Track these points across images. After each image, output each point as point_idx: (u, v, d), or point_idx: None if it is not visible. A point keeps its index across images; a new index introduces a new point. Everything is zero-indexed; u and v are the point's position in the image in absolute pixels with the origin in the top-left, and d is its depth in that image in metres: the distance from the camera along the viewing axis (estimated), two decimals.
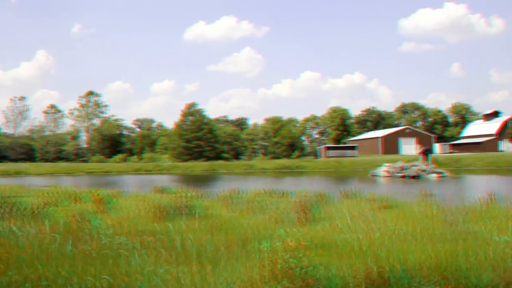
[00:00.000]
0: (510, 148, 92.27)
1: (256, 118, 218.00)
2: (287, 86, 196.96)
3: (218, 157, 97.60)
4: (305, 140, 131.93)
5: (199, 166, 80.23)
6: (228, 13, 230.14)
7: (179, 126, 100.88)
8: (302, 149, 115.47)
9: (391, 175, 49.01)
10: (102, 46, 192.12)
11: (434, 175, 46.75)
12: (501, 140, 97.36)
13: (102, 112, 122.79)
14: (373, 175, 52.00)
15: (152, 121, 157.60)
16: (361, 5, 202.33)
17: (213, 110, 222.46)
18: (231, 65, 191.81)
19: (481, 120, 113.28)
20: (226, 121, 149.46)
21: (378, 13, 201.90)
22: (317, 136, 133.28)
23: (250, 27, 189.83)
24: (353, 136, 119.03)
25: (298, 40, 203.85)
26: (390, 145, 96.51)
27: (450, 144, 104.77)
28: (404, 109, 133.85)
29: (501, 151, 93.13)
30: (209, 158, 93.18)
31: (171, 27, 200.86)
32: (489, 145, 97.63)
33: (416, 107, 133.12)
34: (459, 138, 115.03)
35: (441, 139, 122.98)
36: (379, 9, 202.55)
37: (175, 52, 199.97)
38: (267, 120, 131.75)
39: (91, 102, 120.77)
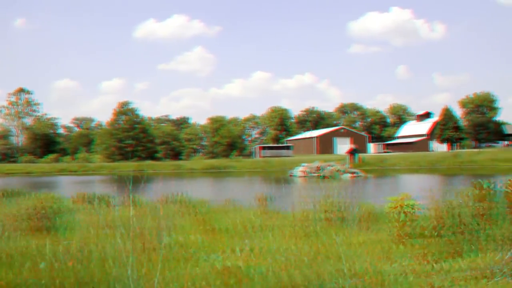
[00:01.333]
0: (439, 148, 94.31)
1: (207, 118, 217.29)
2: (239, 86, 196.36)
3: (151, 157, 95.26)
4: (246, 140, 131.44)
5: (126, 167, 77.63)
6: (179, 11, 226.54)
7: (111, 125, 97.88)
8: (242, 149, 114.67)
9: (307, 175, 48.53)
10: (47, 42, 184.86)
11: (349, 175, 46.51)
12: (431, 140, 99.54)
13: (34, 111, 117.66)
14: (291, 175, 51.40)
15: (91, 120, 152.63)
16: (312, 6, 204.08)
17: (164, 109, 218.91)
18: (182, 64, 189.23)
19: (415, 121, 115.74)
20: (168, 120, 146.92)
21: (328, 15, 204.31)
22: (257, 135, 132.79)
23: (201, 26, 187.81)
24: (292, 135, 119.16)
25: (249, 40, 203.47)
26: (325, 145, 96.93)
27: (384, 144, 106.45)
28: (344, 110, 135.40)
29: (432, 150, 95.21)
30: (142, 158, 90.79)
31: (120, 24, 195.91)
32: (421, 145, 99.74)
33: (355, 107, 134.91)
34: (394, 138, 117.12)
35: (379, 139, 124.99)
36: (329, 11, 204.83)
37: (125, 50, 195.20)
38: (209, 119, 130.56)
39: (22, 100, 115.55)
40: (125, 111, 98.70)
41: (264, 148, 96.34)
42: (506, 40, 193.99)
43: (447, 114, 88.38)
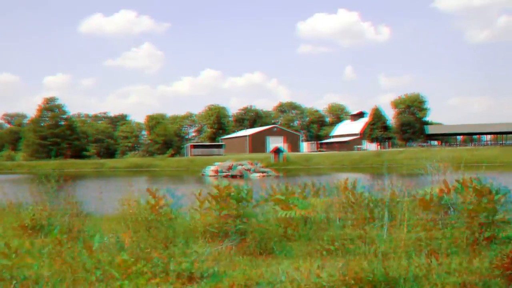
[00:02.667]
0: (370, 147, 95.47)
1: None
2: (187, 84, 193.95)
3: (79, 155, 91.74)
4: (185, 137, 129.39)
5: (46, 165, 74.17)
6: (127, 7, 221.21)
7: (35, 122, 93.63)
8: (179, 147, 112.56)
9: (217, 174, 47.48)
10: None
11: (257, 174, 45.76)
12: (364, 139, 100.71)
13: None
14: (203, 175, 50.25)
15: (24, 116, 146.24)
16: (262, 6, 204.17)
17: (111, 106, 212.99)
18: (130, 61, 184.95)
19: (349, 120, 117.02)
20: (106, 117, 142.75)
21: (278, 15, 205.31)
22: (194, 134, 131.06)
23: (150, 23, 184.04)
24: (229, 134, 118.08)
25: (199, 38, 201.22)
26: (258, 144, 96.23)
27: (318, 142, 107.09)
28: (282, 108, 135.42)
29: (364, 149, 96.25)
30: (68, 157, 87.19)
31: (65, 17, 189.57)
32: (354, 144, 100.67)
33: (293, 106, 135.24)
34: (329, 137, 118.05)
35: (317, 138, 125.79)
36: (278, 11, 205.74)
37: (70, 44, 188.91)
38: (147, 117, 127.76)
39: None
40: (50, 107, 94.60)
41: (195, 146, 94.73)
42: (443, 44, 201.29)
43: (376, 114, 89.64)
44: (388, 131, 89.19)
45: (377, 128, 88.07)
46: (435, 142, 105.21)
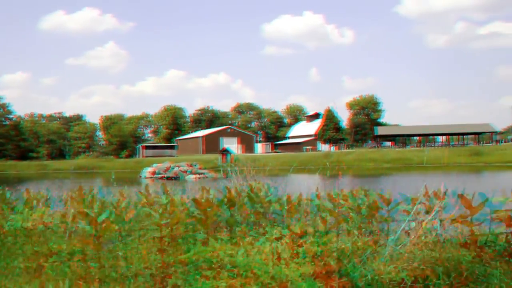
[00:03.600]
0: (325, 148, 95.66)
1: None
2: (152, 84, 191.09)
3: (26, 156, 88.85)
4: (142, 138, 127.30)
5: None
6: (90, 4, 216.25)
7: None
8: (134, 148, 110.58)
9: (154, 176, 46.34)
10: None
11: (193, 176, 44.81)
12: (319, 140, 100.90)
13: None
14: (140, 176, 48.99)
15: None
16: (227, 6, 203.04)
17: (73, 106, 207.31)
18: (93, 60, 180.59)
19: (305, 121, 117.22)
20: (61, 117, 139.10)
21: (243, 16, 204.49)
22: (150, 135, 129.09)
23: (114, 21, 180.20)
24: (185, 135, 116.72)
25: (164, 38, 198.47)
26: (212, 145, 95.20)
27: (273, 143, 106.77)
28: (240, 109, 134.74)
29: (319, 150, 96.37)
30: (13, 158, 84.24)
31: (24, 13, 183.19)
32: (309, 145, 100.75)
33: (251, 107, 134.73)
34: (285, 138, 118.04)
35: (275, 139, 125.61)
36: (244, 12, 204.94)
37: (30, 42, 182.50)
38: (102, 117, 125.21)
39: None
40: None
41: (147, 147, 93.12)
42: (405, 48, 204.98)
43: (329, 116, 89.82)
44: (340, 132, 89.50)
45: (329, 129, 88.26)
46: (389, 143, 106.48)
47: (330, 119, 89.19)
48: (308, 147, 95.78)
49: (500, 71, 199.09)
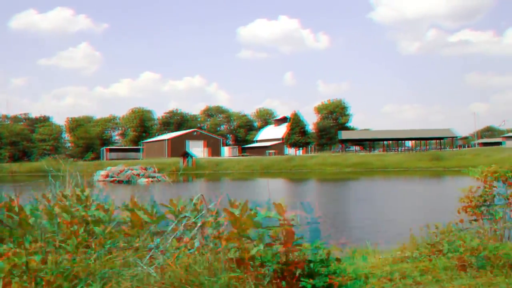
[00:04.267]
0: (292, 152, 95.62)
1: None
2: (126, 86, 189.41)
3: None
4: (110, 140, 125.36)
5: None
6: (63, 4, 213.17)
7: None
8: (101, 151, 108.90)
9: (106, 179, 45.42)
10: None
11: (145, 179, 44.06)
12: (286, 144, 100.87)
13: None
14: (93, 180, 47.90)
15: None
16: (203, 9, 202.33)
17: (44, 108, 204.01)
18: (66, 61, 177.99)
19: (273, 125, 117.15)
20: (27, 119, 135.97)
21: (219, 19, 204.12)
22: (118, 137, 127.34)
23: (88, 22, 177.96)
24: (153, 137, 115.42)
25: (138, 40, 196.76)
26: (178, 148, 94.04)
27: (240, 147, 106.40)
28: (209, 112, 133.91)
29: (287, 154, 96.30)
30: None
31: None
32: (276, 148, 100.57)
33: (220, 110, 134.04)
34: (253, 142, 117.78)
35: (244, 142, 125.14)
36: (220, 15, 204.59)
37: None
38: (68, 118, 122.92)
39: None
40: None
41: (111, 150, 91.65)
42: (379, 53, 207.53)
43: (295, 119, 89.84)
44: (306, 136, 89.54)
45: (295, 133, 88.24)
46: (358, 148, 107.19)
47: (296, 123, 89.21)
48: (271, 151, 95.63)
49: (470, 78, 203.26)
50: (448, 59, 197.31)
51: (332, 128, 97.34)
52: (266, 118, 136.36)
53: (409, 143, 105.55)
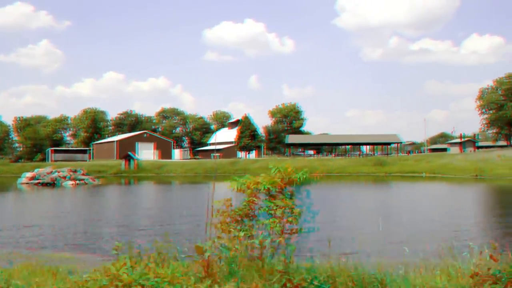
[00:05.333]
0: (245, 155, 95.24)
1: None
2: (89, 86, 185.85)
3: None
4: (63, 141, 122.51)
5: None
6: None
7: None
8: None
9: (31, 182, 44.01)
10: None
11: (71, 182, 42.86)
12: (236, 147, 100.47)
13: None
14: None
15: None
16: (168, 10, 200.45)
17: (1, 106, 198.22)
18: (25, 58, 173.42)
19: (227, 128, 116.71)
20: None
21: (185, 20, 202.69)
22: (69, 138, 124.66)
23: (49, 19, 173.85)
24: (105, 138, 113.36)
25: (101, 39, 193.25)
26: (127, 150, 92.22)
27: (192, 150, 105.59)
28: (164, 114, 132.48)
29: (239, 157, 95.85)
30: None
31: None
32: (228, 151, 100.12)
33: (175, 112, 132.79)
34: (207, 145, 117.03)
35: (199, 145, 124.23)
36: (185, 17, 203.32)
37: None
38: (15, 118, 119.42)
39: None
40: None
41: (56, 151, 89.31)
42: (343, 59, 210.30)
43: (245, 123, 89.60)
44: (256, 140, 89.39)
45: (245, 137, 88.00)
46: (312, 152, 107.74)
47: (247, 126, 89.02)
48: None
49: (429, 86, 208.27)
50: (409, 67, 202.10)
51: (283, 132, 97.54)
52: (223, 121, 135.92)
53: (364, 148, 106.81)
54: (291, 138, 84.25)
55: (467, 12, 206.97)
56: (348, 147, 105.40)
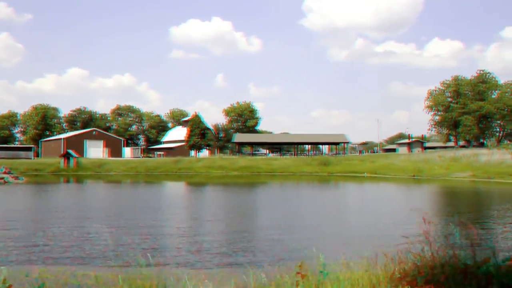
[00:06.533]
0: (199, 154, 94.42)
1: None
2: (51, 81, 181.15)
3: None
4: (13, 138, 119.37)
5: None
6: None
7: None
8: None
9: None
10: None
11: None
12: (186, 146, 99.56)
13: None
14: None
15: None
16: (135, 6, 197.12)
17: None
18: None
19: (181, 126, 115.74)
20: None
21: (151, 17, 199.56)
22: (18, 135, 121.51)
23: (9, 11, 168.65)
24: (56, 135, 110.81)
25: (65, 34, 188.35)
26: (75, 147, 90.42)
27: (142, 148, 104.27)
28: (119, 112, 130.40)
29: (192, 156, 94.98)
30: None
31: None
32: (181, 150, 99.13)
33: (131, 110, 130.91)
34: (160, 143, 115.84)
35: (156, 143, 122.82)
36: (152, 13, 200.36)
37: None
38: None
39: None
40: None
41: None
42: (309, 59, 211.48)
43: (195, 121, 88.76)
44: (206, 139, 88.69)
45: (194, 135, 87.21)
46: (265, 151, 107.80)
47: (197, 124, 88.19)
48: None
49: (393, 87, 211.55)
50: (374, 68, 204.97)
51: (239, 131, 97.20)
52: (180, 119, 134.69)
53: (321, 147, 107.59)
54: (238, 137, 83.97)
55: (429, 17, 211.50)
56: (307, 146, 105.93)
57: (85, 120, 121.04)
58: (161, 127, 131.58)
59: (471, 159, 64.48)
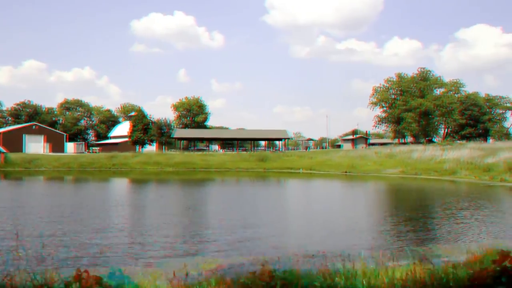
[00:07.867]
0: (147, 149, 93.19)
1: None
2: (7, 74, 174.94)
3: None
4: None
5: None
6: None
7: None
8: None
9: None
10: None
11: None
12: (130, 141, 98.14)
13: None
14: None
15: None
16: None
17: None
18: None
19: (128, 121, 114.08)
20: None
21: (111, 9, 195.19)
22: None
23: None
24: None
25: (20, 24, 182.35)
26: (13, 143, 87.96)
27: (87, 143, 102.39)
28: (67, 106, 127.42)
29: (138, 152, 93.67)
30: None
31: None
32: (126, 145, 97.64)
33: (79, 104, 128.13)
34: (107, 138, 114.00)
35: (105, 138, 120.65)
36: (112, 5, 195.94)
37: None
38: None
39: None
40: None
41: None
42: (272, 55, 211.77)
43: (138, 116, 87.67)
44: (149, 134, 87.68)
45: (137, 130, 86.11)
46: (216, 147, 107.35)
47: (140, 119, 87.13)
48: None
49: (354, 85, 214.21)
50: (336, 65, 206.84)
51: (188, 127, 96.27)
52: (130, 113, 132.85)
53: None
54: (178, 133, 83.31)
55: (389, 16, 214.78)
56: (261, 142, 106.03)
57: (29, 114, 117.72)
58: (112, 122, 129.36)
59: (405, 155, 65.60)
